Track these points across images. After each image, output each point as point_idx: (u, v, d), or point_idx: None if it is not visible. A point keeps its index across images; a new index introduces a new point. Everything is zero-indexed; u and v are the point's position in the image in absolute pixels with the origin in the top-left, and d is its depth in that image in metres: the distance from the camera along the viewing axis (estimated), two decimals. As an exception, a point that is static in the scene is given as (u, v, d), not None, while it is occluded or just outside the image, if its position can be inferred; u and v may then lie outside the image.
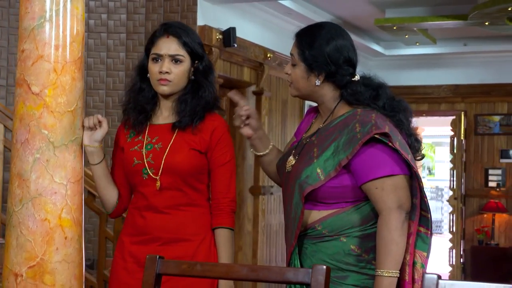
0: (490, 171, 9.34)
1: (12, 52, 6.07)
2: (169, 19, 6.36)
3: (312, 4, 7.41)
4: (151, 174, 2.52)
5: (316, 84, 2.43)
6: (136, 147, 2.56)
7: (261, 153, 2.63)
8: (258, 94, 7.26)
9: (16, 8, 6.08)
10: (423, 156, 2.43)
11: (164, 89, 2.53)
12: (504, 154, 9.32)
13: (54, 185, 2.46)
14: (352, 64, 2.43)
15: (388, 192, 2.29)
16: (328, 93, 2.45)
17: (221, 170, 2.60)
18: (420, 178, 2.32)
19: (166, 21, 2.61)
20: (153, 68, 2.53)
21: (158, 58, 2.53)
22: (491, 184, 9.32)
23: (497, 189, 9.28)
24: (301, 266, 2.39)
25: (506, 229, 9.27)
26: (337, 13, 7.83)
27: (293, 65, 2.47)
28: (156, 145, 2.54)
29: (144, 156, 2.53)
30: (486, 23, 7.12)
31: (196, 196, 2.57)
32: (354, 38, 9.98)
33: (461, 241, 9.41)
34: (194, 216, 2.56)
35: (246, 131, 2.57)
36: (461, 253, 9.40)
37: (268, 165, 2.66)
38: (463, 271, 9.36)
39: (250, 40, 6.93)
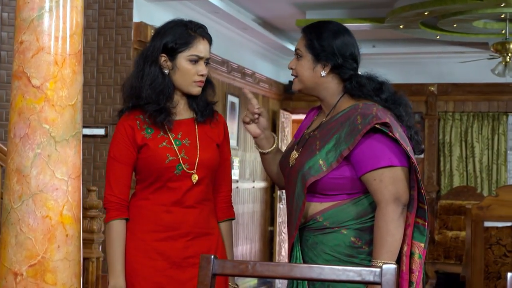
0: (396, 165, 9.85)
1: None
2: (104, 15, 6.41)
3: (237, 4, 7.66)
4: (185, 170, 2.51)
5: (322, 75, 2.46)
6: (164, 143, 2.52)
7: (266, 151, 2.62)
8: (187, 90, 7.39)
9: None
10: (423, 150, 2.50)
11: (199, 90, 2.55)
12: (408, 149, 9.87)
13: (56, 181, 2.37)
14: (356, 61, 2.47)
15: (386, 184, 2.31)
16: (332, 86, 2.48)
17: (228, 164, 2.67)
18: (418, 170, 2.35)
19: (197, 22, 2.57)
20: (192, 69, 2.52)
21: (197, 59, 2.52)
22: (397, 177, 9.82)
23: (402, 182, 9.78)
24: (303, 258, 2.41)
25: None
26: (260, 13, 8.10)
27: (298, 59, 2.50)
28: (183, 141, 2.54)
29: (177, 152, 2.51)
30: (401, 26, 7.56)
31: (211, 190, 2.62)
32: (274, 38, 10.16)
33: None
34: (211, 210, 2.60)
35: (254, 129, 2.59)
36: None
37: (270, 164, 2.66)
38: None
39: (181, 38, 7.08)
